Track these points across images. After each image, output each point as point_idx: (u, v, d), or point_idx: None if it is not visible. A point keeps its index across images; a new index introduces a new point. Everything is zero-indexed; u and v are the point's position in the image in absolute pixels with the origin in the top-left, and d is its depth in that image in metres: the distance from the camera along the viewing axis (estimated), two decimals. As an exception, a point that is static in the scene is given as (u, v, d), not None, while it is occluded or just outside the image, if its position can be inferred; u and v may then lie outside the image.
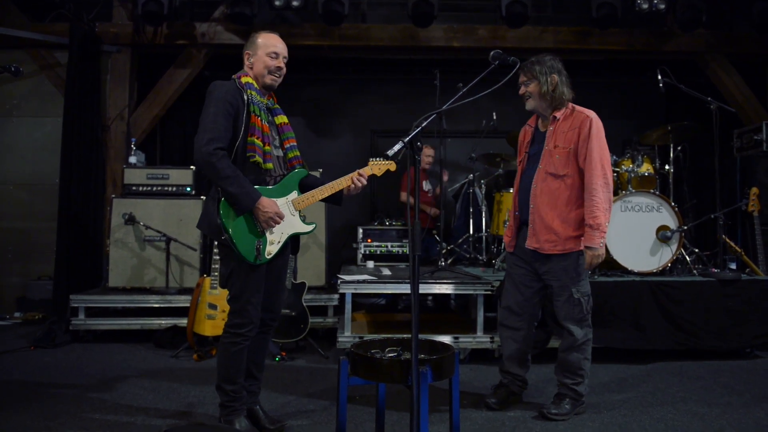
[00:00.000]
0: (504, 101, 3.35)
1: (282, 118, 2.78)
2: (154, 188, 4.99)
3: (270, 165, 2.61)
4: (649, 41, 5.82)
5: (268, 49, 2.66)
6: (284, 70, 2.71)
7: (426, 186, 6.07)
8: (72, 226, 5.08)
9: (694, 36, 5.74)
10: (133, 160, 5.30)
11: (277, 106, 2.79)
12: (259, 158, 2.55)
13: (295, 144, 2.79)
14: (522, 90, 3.05)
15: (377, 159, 2.78)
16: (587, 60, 6.33)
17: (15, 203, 5.65)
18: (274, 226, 2.60)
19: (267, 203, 2.54)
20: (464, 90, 2.30)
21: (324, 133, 7.06)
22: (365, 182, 2.71)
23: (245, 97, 2.58)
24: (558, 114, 3.01)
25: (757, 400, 3.26)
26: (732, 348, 4.15)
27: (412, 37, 5.78)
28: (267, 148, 2.60)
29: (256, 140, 2.55)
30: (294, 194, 2.70)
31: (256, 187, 2.56)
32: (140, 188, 4.98)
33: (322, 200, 2.73)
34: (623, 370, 3.90)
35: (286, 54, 2.71)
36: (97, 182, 5.41)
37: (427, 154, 6.02)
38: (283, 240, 2.66)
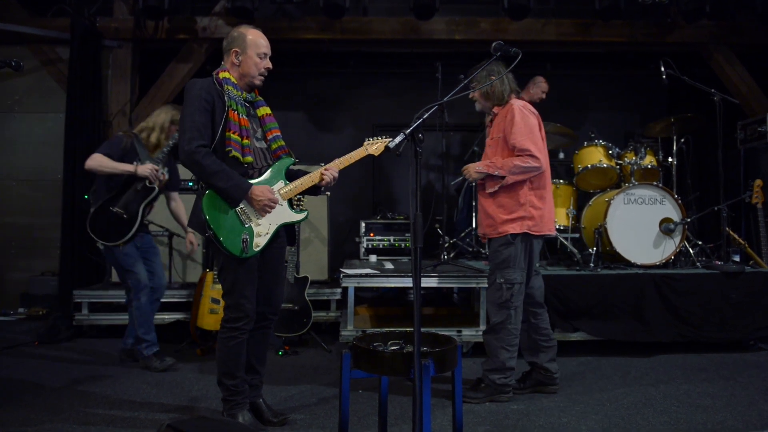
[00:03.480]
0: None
1: (264, 110, 2.76)
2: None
3: (250, 158, 2.59)
4: (652, 33, 5.78)
5: (259, 50, 2.65)
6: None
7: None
8: (75, 222, 5.08)
9: (697, 27, 5.69)
10: (134, 155, 5.28)
11: (259, 98, 2.76)
12: (237, 153, 2.54)
13: (279, 134, 2.77)
14: (471, 95, 3.27)
15: (373, 138, 2.75)
16: (590, 52, 6.29)
17: (17, 199, 5.65)
18: (270, 212, 2.59)
19: (259, 190, 2.54)
20: (466, 81, 2.29)
21: (326, 126, 7.04)
22: (335, 174, 2.69)
23: (222, 93, 2.56)
24: (497, 110, 3.22)
25: (760, 392, 3.26)
26: (735, 340, 4.15)
27: (414, 30, 5.76)
28: (246, 141, 2.58)
29: (233, 135, 2.54)
30: (281, 184, 2.68)
31: None
32: (142, 183, 4.97)
33: (302, 193, 2.71)
34: (626, 362, 3.90)
35: (270, 52, 2.71)
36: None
37: (543, 90, 5.81)
38: (272, 231, 2.64)
